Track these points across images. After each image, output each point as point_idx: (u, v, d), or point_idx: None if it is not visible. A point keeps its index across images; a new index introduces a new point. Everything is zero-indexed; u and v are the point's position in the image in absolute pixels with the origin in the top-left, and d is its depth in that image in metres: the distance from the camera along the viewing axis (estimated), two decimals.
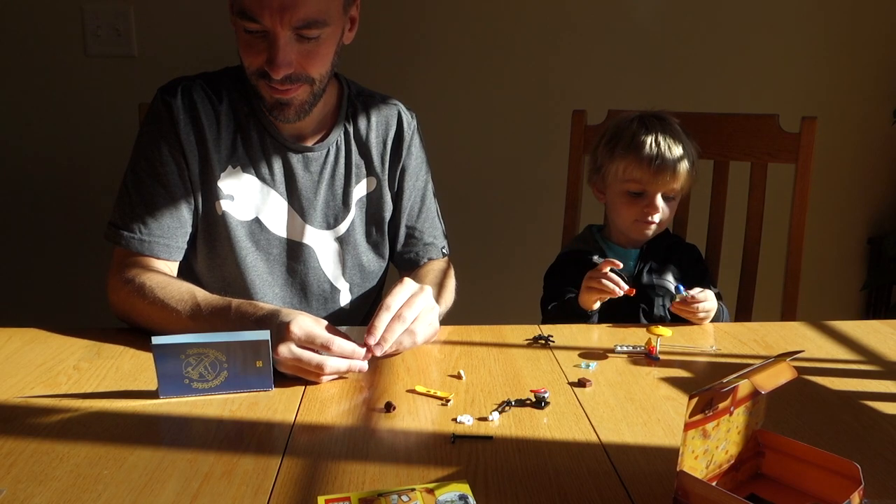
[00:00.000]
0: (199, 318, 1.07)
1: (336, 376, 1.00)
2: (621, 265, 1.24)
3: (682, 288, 1.24)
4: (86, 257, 2.17)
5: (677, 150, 1.36)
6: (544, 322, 1.41)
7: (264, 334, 0.94)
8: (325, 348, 0.96)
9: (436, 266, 1.39)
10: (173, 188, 1.22)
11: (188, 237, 1.24)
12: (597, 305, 1.28)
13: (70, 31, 2.04)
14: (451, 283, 1.35)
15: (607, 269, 1.24)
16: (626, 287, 1.22)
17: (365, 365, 1.00)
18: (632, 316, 1.35)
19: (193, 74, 1.27)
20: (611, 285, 1.22)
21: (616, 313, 1.30)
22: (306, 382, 0.98)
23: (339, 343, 0.96)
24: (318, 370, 0.96)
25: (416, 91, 2.13)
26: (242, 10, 1.11)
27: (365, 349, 0.98)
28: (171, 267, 1.23)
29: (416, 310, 1.03)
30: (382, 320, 0.99)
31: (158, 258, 1.21)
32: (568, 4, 2.16)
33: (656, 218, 1.38)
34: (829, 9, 2.23)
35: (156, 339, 0.92)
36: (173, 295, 1.11)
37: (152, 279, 1.15)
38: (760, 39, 2.22)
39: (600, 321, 1.27)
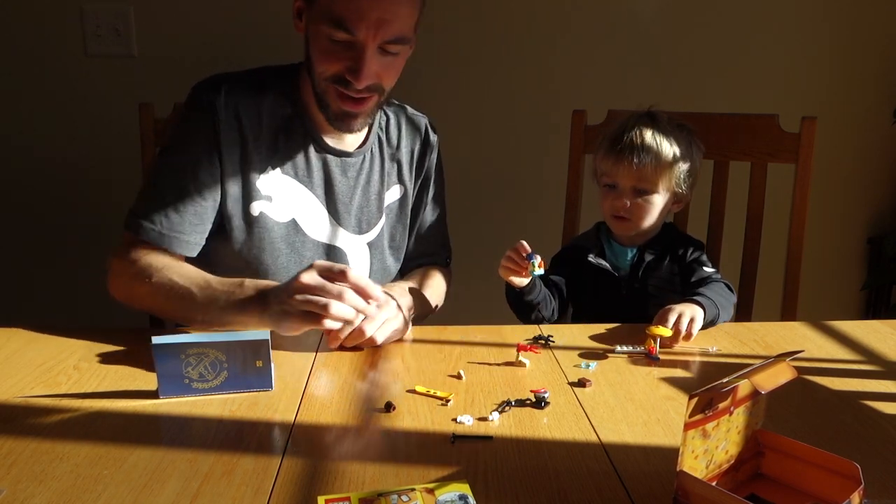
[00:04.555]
0: (208, 290, 1.11)
1: (339, 323, 1.02)
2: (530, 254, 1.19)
3: (534, 257, 1.19)
4: (86, 257, 2.16)
5: (651, 144, 1.34)
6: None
7: (264, 334, 0.94)
8: (341, 276, 1.01)
9: (429, 270, 1.42)
10: (203, 185, 1.20)
11: (206, 235, 1.23)
12: (520, 282, 1.25)
13: (70, 31, 2.04)
14: (437, 285, 1.38)
15: (519, 248, 1.20)
16: (536, 261, 1.18)
17: (371, 311, 1.04)
18: (633, 316, 1.33)
19: (234, 72, 1.25)
20: (514, 263, 1.21)
21: (617, 313, 1.29)
22: (305, 386, 0.98)
23: (354, 277, 1.02)
24: (325, 309, 0.99)
25: (417, 90, 2.12)
26: (337, 20, 1.12)
27: (374, 304, 1.03)
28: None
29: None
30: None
31: (173, 253, 1.20)
32: (568, 4, 2.16)
33: (624, 212, 1.35)
34: (829, 9, 2.23)
35: (156, 339, 0.92)
36: (183, 272, 1.14)
37: (160, 260, 1.17)
38: (760, 39, 2.22)
39: (601, 320, 1.26)
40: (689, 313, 1.15)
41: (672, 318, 1.13)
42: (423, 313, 1.30)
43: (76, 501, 0.71)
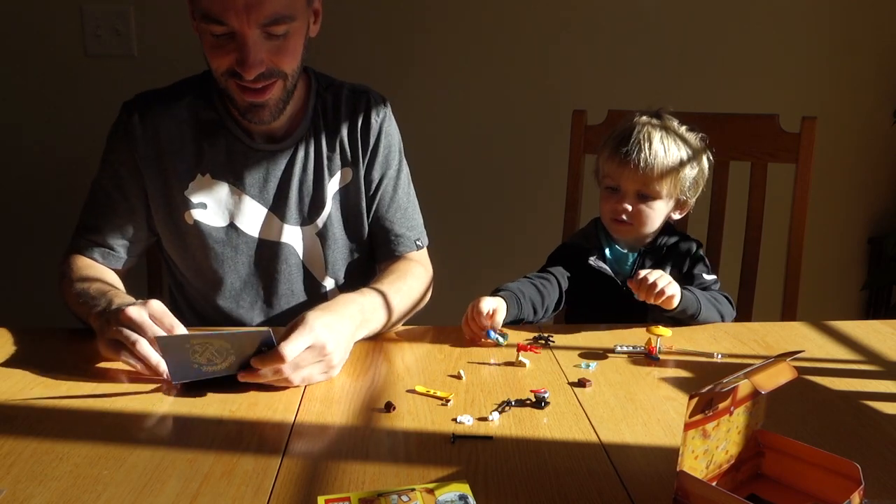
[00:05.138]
0: (89, 298, 1.10)
1: (138, 364, 0.97)
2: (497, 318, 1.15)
3: (492, 333, 1.13)
4: None
5: (658, 148, 1.30)
6: None
7: (265, 333, 0.94)
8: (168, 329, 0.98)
9: (400, 267, 1.30)
10: (117, 202, 1.25)
11: (127, 248, 1.27)
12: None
13: (70, 31, 2.04)
14: (410, 286, 1.26)
15: (484, 316, 1.13)
16: (494, 336, 1.13)
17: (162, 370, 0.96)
18: (630, 321, 1.32)
19: (155, 89, 1.29)
20: (472, 333, 1.15)
21: (614, 317, 1.28)
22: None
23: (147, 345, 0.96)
24: (133, 345, 0.96)
25: (416, 90, 2.13)
26: (206, 14, 1.09)
27: (164, 375, 0.96)
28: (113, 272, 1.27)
29: (304, 372, 0.96)
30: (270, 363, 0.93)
31: (96, 261, 1.25)
32: (568, 4, 2.16)
33: (625, 216, 1.32)
34: (829, 9, 2.23)
35: (159, 336, 0.93)
36: (90, 278, 1.18)
37: (80, 260, 1.23)
38: (760, 39, 2.22)
39: (603, 321, 1.26)
40: (660, 273, 1.17)
41: (642, 273, 1.17)
42: (393, 322, 1.20)
43: (76, 501, 0.71)
